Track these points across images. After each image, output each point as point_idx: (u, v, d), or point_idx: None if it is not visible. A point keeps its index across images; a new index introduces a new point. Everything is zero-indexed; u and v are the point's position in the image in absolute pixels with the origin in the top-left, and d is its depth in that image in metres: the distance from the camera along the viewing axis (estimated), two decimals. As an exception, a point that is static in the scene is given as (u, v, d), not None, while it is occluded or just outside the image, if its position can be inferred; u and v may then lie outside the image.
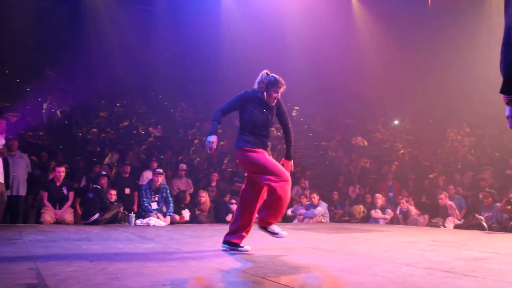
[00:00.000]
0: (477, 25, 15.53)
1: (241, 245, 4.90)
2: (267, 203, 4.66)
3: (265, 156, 4.77)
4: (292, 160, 5.08)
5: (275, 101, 4.91)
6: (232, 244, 4.91)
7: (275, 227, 4.77)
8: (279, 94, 4.88)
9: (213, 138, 4.78)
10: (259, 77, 4.90)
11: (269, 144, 4.93)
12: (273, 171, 4.61)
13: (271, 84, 4.81)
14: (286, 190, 4.59)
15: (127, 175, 10.91)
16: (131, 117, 16.38)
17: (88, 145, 13.43)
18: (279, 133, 17.15)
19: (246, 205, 4.92)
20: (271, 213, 4.67)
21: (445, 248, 5.56)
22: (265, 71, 4.94)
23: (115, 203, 9.44)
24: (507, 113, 2.52)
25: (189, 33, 17.95)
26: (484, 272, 3.64)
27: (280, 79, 4.86)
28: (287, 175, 4.67)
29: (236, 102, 4.92)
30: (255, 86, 4.90)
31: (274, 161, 4.79)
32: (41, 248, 4.82)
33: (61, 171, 9.26)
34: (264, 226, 4.77)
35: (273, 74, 4.90)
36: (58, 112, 14.57)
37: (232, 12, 18.84)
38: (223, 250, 4.88)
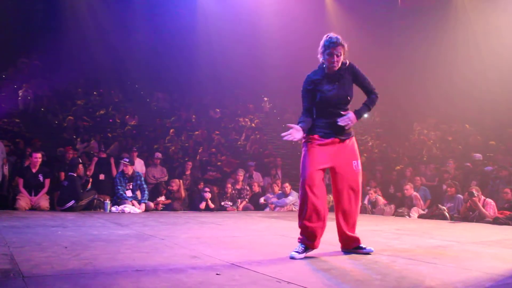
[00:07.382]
0: (443, 22, 15.82)
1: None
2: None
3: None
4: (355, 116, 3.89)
5: (338, 65, 3.87)
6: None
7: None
8: (337, 55, 3.83)
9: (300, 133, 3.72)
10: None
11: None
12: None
13: (324, 47, 3.88)
14: None
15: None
16: (107, 106, 16.17)
17: (64, 132, 13.21)
18: (253, 124, 17.21)
19: None
20: None
21: (409, 236, 5.67)
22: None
23: (91, 191, 9.32)
24: None
25: (166, 23, 17.74)
26: (443, 259, 3.75)
27: (333, 37, 3.88)
28: None
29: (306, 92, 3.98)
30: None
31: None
32: (15, 234, 4.75)
33: (38, 157, 8.96)
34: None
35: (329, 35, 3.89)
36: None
37: (209, 2, 18.67)
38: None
